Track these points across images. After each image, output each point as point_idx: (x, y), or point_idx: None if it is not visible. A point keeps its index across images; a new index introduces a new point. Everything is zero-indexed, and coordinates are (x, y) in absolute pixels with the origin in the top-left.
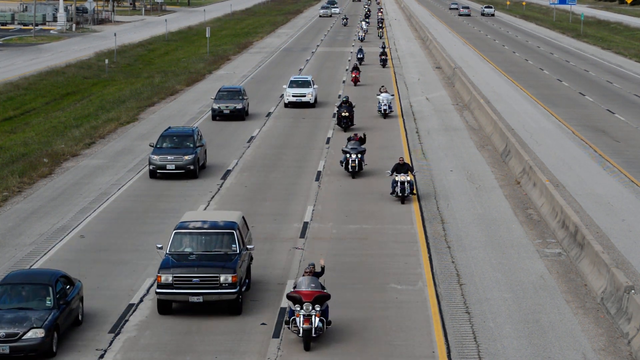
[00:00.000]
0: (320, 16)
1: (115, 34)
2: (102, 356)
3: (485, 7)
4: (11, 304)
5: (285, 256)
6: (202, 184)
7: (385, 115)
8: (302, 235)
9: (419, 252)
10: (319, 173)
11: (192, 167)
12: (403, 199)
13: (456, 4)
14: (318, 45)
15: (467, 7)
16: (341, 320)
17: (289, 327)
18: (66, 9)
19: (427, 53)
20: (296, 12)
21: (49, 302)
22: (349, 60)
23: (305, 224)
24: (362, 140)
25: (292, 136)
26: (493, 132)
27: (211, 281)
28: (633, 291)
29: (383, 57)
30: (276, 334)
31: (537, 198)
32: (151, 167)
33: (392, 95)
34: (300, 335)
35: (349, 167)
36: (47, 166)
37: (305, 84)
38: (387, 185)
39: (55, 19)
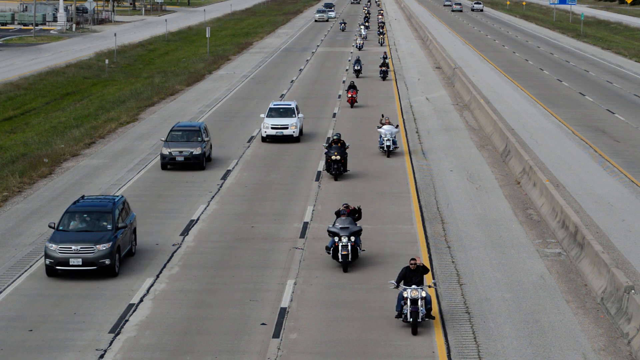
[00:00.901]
0: (315, 21)
1: (115, 34)
2: (102, 356)
3: (475, 4)
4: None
5: (285, 256)
6: (202, 184)
7: (388, 152)
8: (302, 235)
9: (419, 252)
10: (319, 173)
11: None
12: (415, 329)
13: (450, 0)
14: (318, 46)
15: (459, 4)
16: (341, 320)
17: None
18: (66, 9)
19: (427, 53)
20: (296, 12)
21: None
22: (349, 60)
23: (305, 224)
24: (355, 212)
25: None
26: (493, 132)
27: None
28: (633, 291)
29: (383, 68)
30: (276, 334)
31: (537, 198)
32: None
33: (397, 127)
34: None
35: (339, 256)
36: (47, 166)
37: (287, 112)
38: (387, 184)
39: (55, 19)
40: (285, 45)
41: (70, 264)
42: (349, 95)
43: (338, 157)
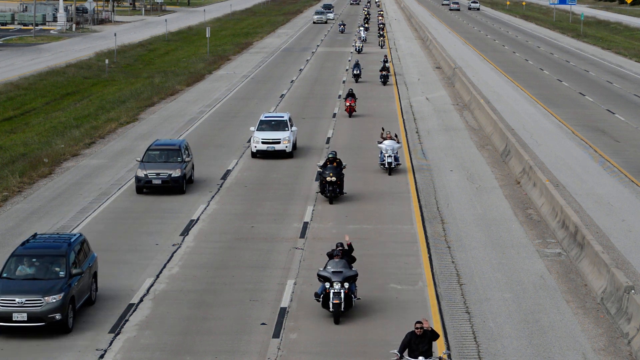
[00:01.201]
0: (314, 22)
1: (115, 34)
2: (102, 356)
3: (472, 2)
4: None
5: (285, 256)
6: (202, 184)
7: (390, 170)
8: (302, 235)
9: (419, 252)
10: (319, 173)
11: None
12: None
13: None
14: (318, 46)
15: (457, 2)
16: (341, 320)
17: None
18: (66, 9)
19: (427, 53)
20: (296, 12)
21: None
22: (349, 61)
23: (305, 224)
24: (349, 251)
25: None
26: (493, 132)
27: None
28: (633, 291)
29: (384, 72)
30: (276, 334)
31: (537, 198)
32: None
33: (399, 142)
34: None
35: (330, 304)
36: (47, 166)
37: (279, 125)
38: (387, 184)
39: (55, 19)
40: (285, 45)
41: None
42: (347, 104)
43: (334, 179)
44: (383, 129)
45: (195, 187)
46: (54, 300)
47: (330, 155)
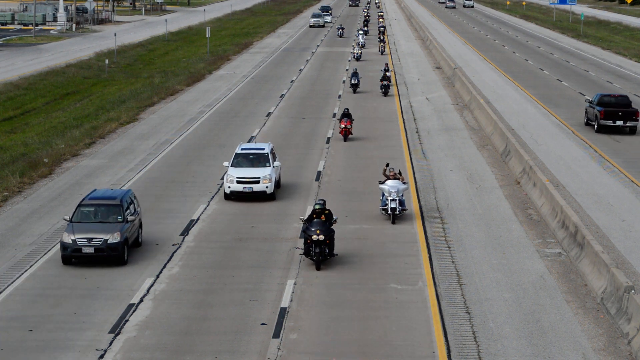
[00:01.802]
0: (310, 26)
1: (115, 34)
2: (102, 356)
3: (466, 0)
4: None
5: (285, 256)
6: (202, 184)
7: (393, 217)
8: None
9: (419, 252)
10: (319, 173)
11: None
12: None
13: None
14: (318, 46)
15: (452, 0)
16: (341, 320)
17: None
18: (66, 9)
19: (427, 53)
20: (296, 12)
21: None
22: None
23: None
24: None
25: (292, 136)
26: (493, 132)
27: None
28: (633, 291)
29: (385, 82)
30: (276, 334)
31: (537, 198)
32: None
33: (406, 183)
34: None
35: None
36: (47, 166)
37: (259, 159)
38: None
39: (55, 19)
40: (285, 45)
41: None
42: (342, 125)
43: (321, 237)
44: (387, 165)
45: (195, 186)
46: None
47: (317, 206)
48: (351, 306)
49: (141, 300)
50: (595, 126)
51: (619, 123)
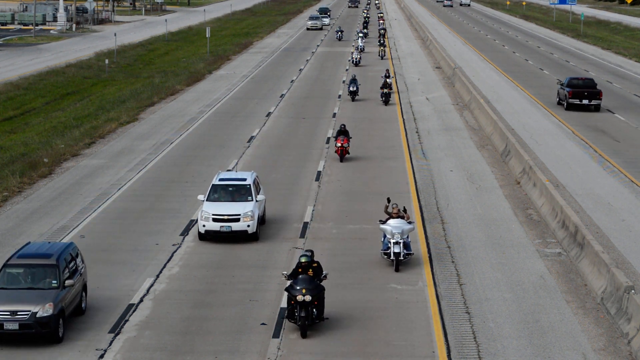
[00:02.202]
0: (307, 29)
1: (115, 34)
2: (102, 356)
3: None
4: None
5: (285, 256)
6: (202, 184)
7: (397, 264)
8: (302, 235)
9: (419, 252)
10: (319, 173)
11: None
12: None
13: None
14: (318, 45)
15: None
16: (341, 321)
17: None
18: (66, 9)
19: (427, 53)
20: (296, 12)
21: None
22: (349, 60)
23: (305, 224)
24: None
25: (292, 136)
26: (493, 132)
27: None
28: (633, 291)
29: (385, 90)
30: (276, 334)
31: (537, 198)
32: None
33: (412, 222)
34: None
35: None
36: (47, 166)
37: (239, 191)
38: (387, 184)
39: (55, 19)
40: (285, 45)
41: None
42: (338, 144)
43: (307, 298)
44: (389, 200)
45: (195, 186)
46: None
47: (302, 259)
48: (351, 306)
49: (141, 300)
50: (565, 104)
51: (585, 102)
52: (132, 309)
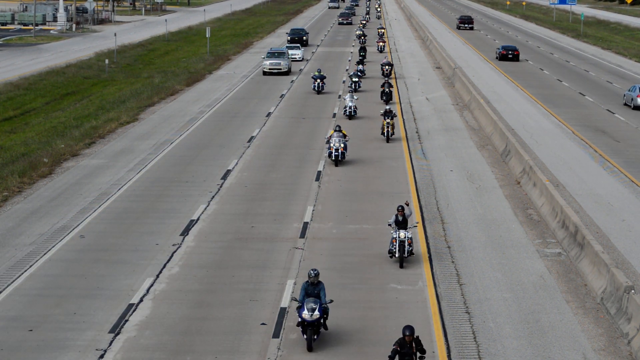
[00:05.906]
0: (264, 73)
1: (115, 34)
2: (102, 356)
3: None
4: None
5: (285, 256)
6: (202, 184)
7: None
8: (302, 235)
9: (419, 252)
10: (319, 173)
11: None
12: None
13: None
14: (318, 45)
15: None
16: (341, 321)
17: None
18: (66, 9)
19: (427, 53)
20: (296, 12)
21: None
22: (349, 60)
23: (305, 224)
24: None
25: (292, 136)
26: (493, 132)
27: None
28: (633, 291)
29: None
30: (276, 334)
31: (537, 198)
32: None
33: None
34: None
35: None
36: (47, 166)
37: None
38: (387, 183)
39: (55, 19)
40: (285, 45)
41: None
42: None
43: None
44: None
45: (195, 186)
46: None
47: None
48: (351, 306)
49: (141, 300)
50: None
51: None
52: (132, 308)
